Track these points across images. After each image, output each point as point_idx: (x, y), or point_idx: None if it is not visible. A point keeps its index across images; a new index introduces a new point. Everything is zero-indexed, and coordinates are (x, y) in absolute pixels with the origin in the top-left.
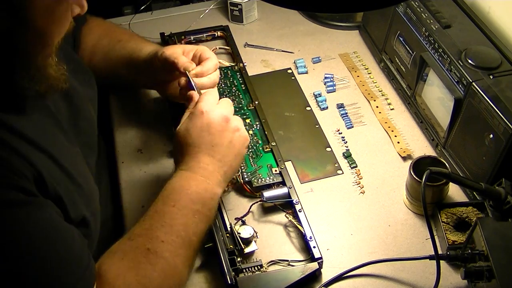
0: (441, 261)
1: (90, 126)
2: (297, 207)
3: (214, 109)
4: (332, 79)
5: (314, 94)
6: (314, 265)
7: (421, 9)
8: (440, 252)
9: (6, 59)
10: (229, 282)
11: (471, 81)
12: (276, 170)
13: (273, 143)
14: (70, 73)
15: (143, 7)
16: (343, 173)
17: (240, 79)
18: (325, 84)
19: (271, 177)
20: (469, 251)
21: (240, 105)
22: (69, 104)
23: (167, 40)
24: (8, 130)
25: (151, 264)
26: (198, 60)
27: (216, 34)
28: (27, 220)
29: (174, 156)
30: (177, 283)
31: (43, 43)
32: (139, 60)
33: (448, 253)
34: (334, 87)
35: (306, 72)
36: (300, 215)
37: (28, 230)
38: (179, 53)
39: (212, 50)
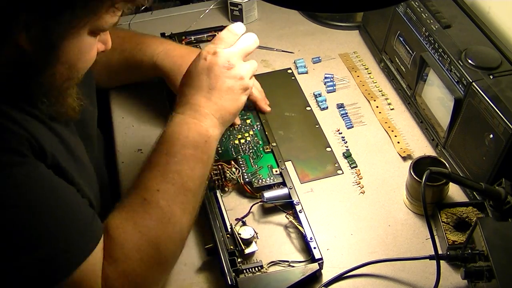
0: (441, 261)
1: (90, 120)
2: (298, 207)
3: (219, 53)
4: (332, 79)
5: (314, 94)
6: (315, 266)
7: (421, 9)
8: (440, 252)
9: (33, 86)
10: (230, 282)
11: (471, 81)
12: (276, 171)
13: (274, 144)
14: None
15: (143, 7)
16: (343, 173)
17: None
18: (325, 84)
19: (272, 178)
20: (469, 251)
21: (243, 111)
22: None
23: None
24: (11, 107)
25: (147, 213)
26: None
27: (217, 34)
28: (27, 177)
29: (178, 92)
30: (177, 230)
31: (69, 76)
32: (143, 67)
33: (448, 253)
34: (334, 87)
35: (306, 72)
36: (301, 215)
37: (29, 184)
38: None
39: None
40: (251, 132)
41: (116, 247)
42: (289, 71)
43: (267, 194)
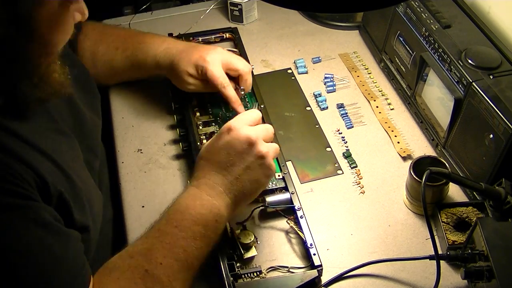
0: (441, 261)
1: (94, 131)
2: (299, 213)
3: (241, 129)
4: (332, 79)
5: (314, 94)
6: (314, 273)
7: (421, 9)
8: (440, 252)
9: (9, 67)
10: (228, 287)
11: (471, 81)
12: (279, 175)
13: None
14: (73, 79)
15: (143, 7)
16: (343, 173)
17: None
18: (325, 84)
19: (274, 182)
20: (469, 251)
21: (246, 108)
22: (72, 109)
23: None
24: (10, 135)
25: (146, 287)
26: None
27: (225, 36)
28: (21, 224)
29: (195, 164)
30: None
31: (47, 51)
32: (147, 66)
33: (448, 253)
34: (334, 87)
35: (306, 72)
36: (302, 221)
37: (22, 234)
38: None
39: None
40: None
41: None
42: (289, 71)
43: (269, 199)
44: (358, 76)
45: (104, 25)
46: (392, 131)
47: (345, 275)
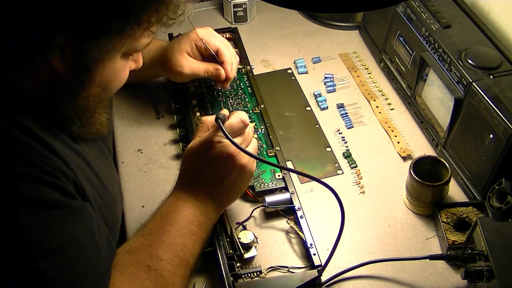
0: (441, 261)
1: (108, 134)
2: (299, 213)
3: (223, 147)
4: (332, 79)
5: (314, 94)
6: (314, 273)
7: (421, 9)
8: (440, 252)
9: (64, 107)
10: (228, 287)
11: (471, 81)
12: (279, 175)
13: (277, 148)
14: None
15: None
16: (343, 173)
17: (246, 82)
18: (325, 84)
19: (274, 182)
20: (469, 251)
21: (246, 108)
22: None
23: None
24: (54, 138)
25: (152, 282)
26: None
27: (225, 36)
28: (62, 223)
29: (180, 169)
30: None
31: (101, 97)
32: (147, 61)
33: (448, 253)
34: (334, 87)
35: (306, 72)
36: (302, 221)
37: (61, 233)
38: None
39: None
40: (255, 136)
41: None
42: (289, 71)
43: (269, 199)
44: (358, 76)
45: None
46: (392, 131)
47: (345, 274)
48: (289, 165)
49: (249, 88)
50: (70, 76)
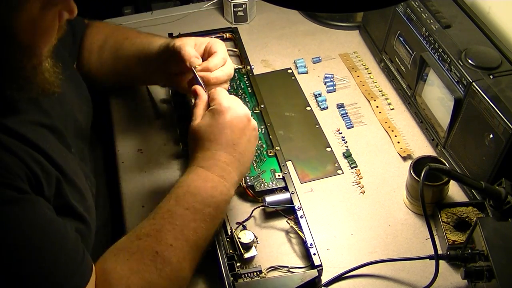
0: (441, 261)
1: (82, 135)
2: (299, 213)
3: (237, 107)
4: (332, 79)
5: (314, 94)
6: (314, 273)
7: (421, 9)
8: (440, 252)
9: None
10: (228, 287)
11: (471, 81)
12: (279, 175)
13: (277, 148)
14: (65, 80)
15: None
16: (343, 173)
17: (247, 82)
18: (325, 84)
19: (274, 182)
20: (469, 251)
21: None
22: (62, 108)
23: None
24: (1, 130)
25: (157, 268)
26: (208, 53)
27: (225, 36)
28: (20, 216)
29: (190, 152)
30: (182, 285)
31: (29, 54)
32: (151, 54)
33: (448, 253)
34: (334, 87)
35: (306, 72)
36: (302, 221)
37: (22, 226)
38: (190, 44)
39: None
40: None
41: None
42: (289, 71)
43: (269, 199)
44: (358, 76)
45: (115, 25)
46: (392, 131)
47: (345, 275)
48: (289, 165)
49: (249, 88)
50: None
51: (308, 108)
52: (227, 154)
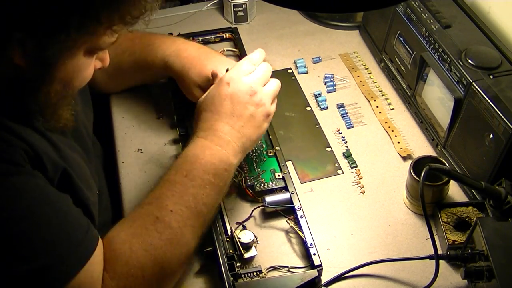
0: (441, 261)
1: (88, 136)
2: (299, 213)
3: (241, 80)
4: (332, 79)
5: (314, 94)
6: (314, 273)
7: (421, 9)
8: (440, 252)
9: (25, 105)
10: (228, 287)
11: (471, 81)
12: (279, 175)
13: (277, 148)
14: None
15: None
16: (343, 173)
17: None
18: (325, 84)
19: (274, 182)
20: (469, 251)
21: None
22: None
23: None
24: (5, 116)
25: (158, 232)
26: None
27: (225, 36)
28: (21, 187)
29: (193, 124)
30: (184, 252)
31: (64, 93)
32: (155, 67)
33: (448, 253)
34: (334, 87)
35: (306, 72)
36: (302, 221)
37: (25, 194)
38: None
39: (220, 52)
40: None
41: (121, 262)
42: (289, 71)
43: (269, 199)
44: (358, 76)
45: None
46: (392, 131)
47: (345, 275)
48: (289, 165)
49: None
50: (30, 71)
51: (308, 108)
52: (225, 124)
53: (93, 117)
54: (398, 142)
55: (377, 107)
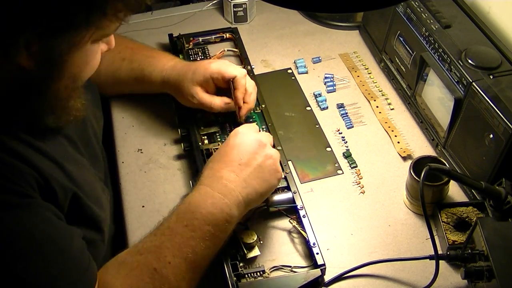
0: (441, 261)
1: (96, 140)
2: (301, 212)
3: (250, 133)
4: (332, 79)
5: (314, 94)
6: (317, 272)
7: (421, 9)
8: (440, 252)
9: (35, 102)
10: (231, 287)
11: (471, 81)
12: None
13: (278, 148)
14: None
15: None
16: (343, 173)
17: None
18: (325, 84)
19: None
20: (469, 251)
21: (250, 118)
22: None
23: (175, 41)
24: (15, 138)
25: (154, 286)
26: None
27: (225, 36)
28: (22, 221)
29: (200, 174)
30: None
31: (73, 86)
32: (152, 80)
33: (448, 253)
34: (334, 87)
35: (306, 72)
36: (304, 220)
37: (26, 231)
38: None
39: (220, 52)
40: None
41: None
42: (289, 71)
43: (271, 198)
44: (358, 76)
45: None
46: (392, 131)
47: (345, 275)
48: (289, 165)
49: None
50: (38, 71)
51: (308, 108)
52: (231, 172)
53: (103, 120)
54: (398, 142)
55: (377, 107)
